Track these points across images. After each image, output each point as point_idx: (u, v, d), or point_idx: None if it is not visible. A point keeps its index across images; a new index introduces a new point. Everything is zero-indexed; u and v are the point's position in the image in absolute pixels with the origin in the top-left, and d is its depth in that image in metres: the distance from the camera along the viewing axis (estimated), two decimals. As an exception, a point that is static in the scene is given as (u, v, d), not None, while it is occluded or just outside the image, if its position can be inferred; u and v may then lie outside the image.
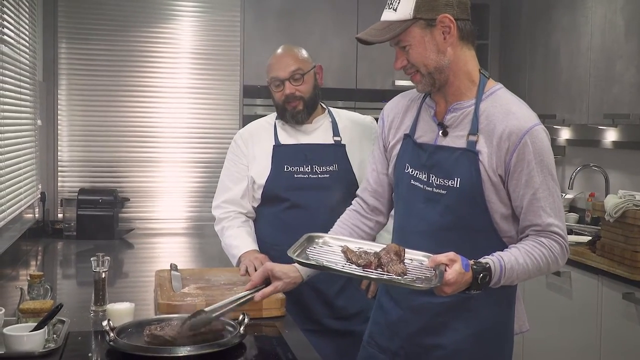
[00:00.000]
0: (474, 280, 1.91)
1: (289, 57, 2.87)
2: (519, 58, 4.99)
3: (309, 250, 2.07)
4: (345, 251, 1.99)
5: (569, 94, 4.42)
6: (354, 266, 1.93)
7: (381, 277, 1.89)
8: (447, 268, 1.87)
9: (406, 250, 1.98)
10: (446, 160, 2.09)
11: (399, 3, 2.05)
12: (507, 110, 2.06)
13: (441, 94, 2.15)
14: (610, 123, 4.07)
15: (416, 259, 1.99)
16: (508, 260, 1.97)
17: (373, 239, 2.47)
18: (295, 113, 2.86)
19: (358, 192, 2.46)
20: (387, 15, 2.09)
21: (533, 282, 3.95)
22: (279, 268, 2.27)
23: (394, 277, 1.87)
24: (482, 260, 1.96)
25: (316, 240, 2.13)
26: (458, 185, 2.06)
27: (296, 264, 2.23)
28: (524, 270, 2.00)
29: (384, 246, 1.99)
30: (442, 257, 1.89)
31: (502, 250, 2.04)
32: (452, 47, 2.06)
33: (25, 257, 3.81)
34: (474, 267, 1.92)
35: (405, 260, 1.95)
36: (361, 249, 2.01)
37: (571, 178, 4.64)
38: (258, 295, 2.21)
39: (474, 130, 2.06)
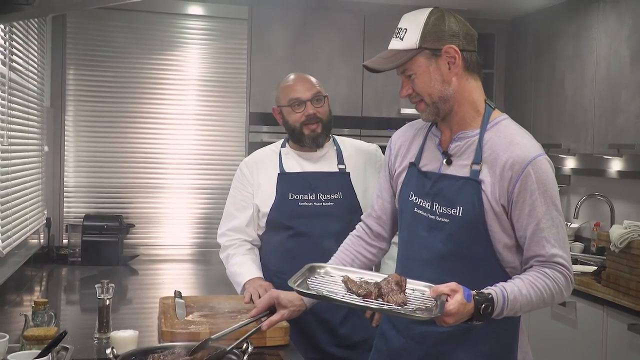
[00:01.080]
0: (476, 311, 1.90)
1: (308, 81, 2.90)
2: (524, 87, 5.00)
3: (309, 280, 2.06)
4: (346, 281, 1.99)
5: (574, 123, 4.43)
6: (354, 296, 1.93)
7: (381, 307, 1.88)
8: (448, 298, 1.86)
9: (408, 280, 1.97)
10: (449, 188, 2.10)
11: (405, 33, 2.09)
12: (510, 141, 2.06)
13: (446, 123, 2.16)
14: (615, 153, 4.08)
15: (418, 289, 1.98)
16: (511, 291, 1.96)
17: (376, 265, 2.48)
18: (315, 136, 2.87)
19: (363, 217, 2.47)
20: (394, 44, 2.12)
21: (538, 313, 3.94)
22: (284, 295, 2.27)
23: (394, 307, 1.86)
24: (485, 290, 1.94)
25: (318, 270, 2.13)
26: (461, 214, 2.06)
27: None
28: (528, 301, 1.98)
29: (385, 276, 1.99)
30: (444, 287, 1.88)
31: (504, 280, 2.03)
32: (457, 77, 2.08)
33: (30, 282, 3.81)
34: (476, 297, 1.91)
35: (407, 290, 1.94)
36: (362, 279, 2.01)
37: (576, 207, 4.63)
38: (265, 325, 2.21)
39: (478, 159, 2.07)
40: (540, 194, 2.01)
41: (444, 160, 2.14)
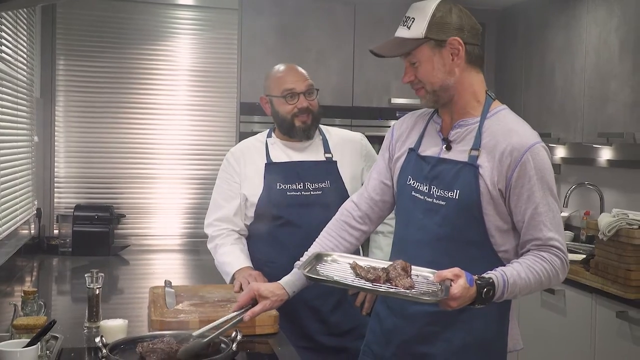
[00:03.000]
0: (478, 295, 1.96)
1: (302, 73, 2.93)
2: (515, 77, 5.01)
3: (318, 267, 2.13)
4: (355, 267, 2.06)
5: (563, 113, 4.44)
6: (363, 281, 2.00)
7: (388, 291, 1.95)
8: (452, 283, 1.92)
9: (412, 266, 2.03)
10: (447, 172, 2.16)
11: (413, 22, 2.14)
12: (509, 129, 2.14)
13: (447, 110, 2.23)
14: (604, 142, 4.10)
15: (422, 274, 2.04)
16: (511, 274, 2.02)
17: (357, 251, 2.55)
18: (306, 128, 2.89)
19: (352, 197, 2.50)
20: (401, 32, 2.18)
21: (528, 300, 3.96)
22: (264, 287, 2.30)
23: (402, 290, 1.93)
24: (486, 275, 2.01)
25: (325, 258, 2.20)
26: (457, 197, 2.12)
27: (282, 281, 2.30)
28: (526, 284, 2.05)
29: (391, 262, 2.05)
30: (447, 273, 1.94)
31: (496, 263, 2.10)
32: (459, 68, 2.15)
33: (21, 273, 3.81)
34: (478, 282, 1.97)
35: (412, 276, 2.01)
36: (369, 265, 2.08)
37: (566, 196, 4.65)
38: (247, 315, 2.22)
39: (477, 145, 2.13)
40: (537, 180, 2.08)
41: (444, 146, 2.21)
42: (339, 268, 2.13)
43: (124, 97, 4.81)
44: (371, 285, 1.98)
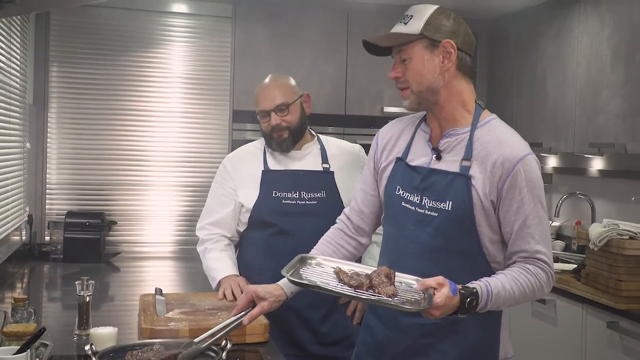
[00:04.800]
0: (461, 304, 1.95)
1: (274, 89, 2.91)
2: (506, 86, 5.03)
3: (302, 270, 2.11)
4: (338, 272, 2.05)
5: (555, 122, 4.46)
6: (346, 287, 1.98)
7: (370, 298, 1.94)
8: (435, 292, 1.91)
9: (396, 273, 2.02)
10: (439, 183, 2.15)
11: (410, 19, 2.16)
12: (501, 139, 2.13)
13: (436, 119, 2.22)
14: (595, 152, 4.11)
15: (405, 281, 2.03)
16: (495, 285, 2.02)
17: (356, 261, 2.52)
18: (281, 141, 2.90)
19: (345, 210, 2.51)
20: (398, 28, 2.19)
21: (519, 310, 3.96)
22: (262, 288, 2.30)
23: (384, 298, 1.91)
24: (470, 285, 2.00)
25: (309, 261, 2.19)
26: (450, 208, 2.11)
27: (280, 282, 2.29)
28: (510, 296, 2.04)
29: (375, 269, 2.03)
30: (431, 281, 1.93)
31: (489, 274, 2.09)
32: (448, 73, 2.15)
33: (12, 279, 3.80)
34: (462, 291, 1.96)
35: (395, 283, 1.99)
36: (353, 271, 2.06)
37: (557, 206, 4.67)
38: (246, 319, 2.22)
39: (468, 155, 2.13)
40: (528, 191, 2.08)
41: (434, 156, 2.19)
42: (323, 272, 2.11)
43: (117, 104, 4.81)
44: (353, 291, 1.96)
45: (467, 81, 2.21)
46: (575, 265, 3.97)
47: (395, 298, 1.92)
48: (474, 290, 1.98)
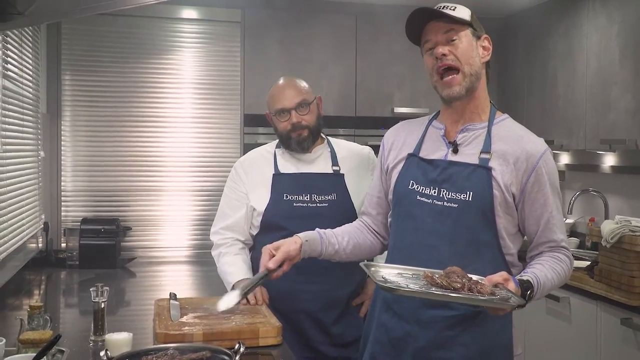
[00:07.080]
0: (521, 297, 2.00)
1: (293, 88, 2.92)
2: (517, 85, 5.03)
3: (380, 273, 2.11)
4: (431, 277, 1.99)
5: (566, 120, 4.46)
6: (440, 290, 1.94)
7: (471, 297, 1.90)
8: (502, 287, 1.96)
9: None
10: (459, 174, 2.18)
11: (456, 8, 2.22)
12: (519, 135, 2.21)
13: (455, 114, 2.26)
14: (607, 148, 4.10)
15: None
16: (541, 275, 2.10)
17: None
18: (301, 140, 2.90)
19: (359, 216, 2.58)
20: (445, 11, 2.21)
21: (532, 307, 3.95)
22: (278, 244, 2.35)
23: (495, 298, 1.90)
24: (523, 277, 2.06)
25: (371, 269, 2.15)
26: (470, 199, 2.15)
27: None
28: (551, 285, 2.15)
29: (441, 271, 2.03)
30: (497, 277, 1.98)
31: (503, 266, 2.16)
32: (483, 66, 2.25)
33: (29, 286, 3.85)
34: (524, 284, 2.03)
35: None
36: (438, 273, 2.02)
37: (571, 203, 4.66)
38: (271, 264, 2.29)
39: (487, 148, 2.18)
40: (550, 185, 2.18)
41: (451, 149, 2.23)
42: (392, 275, 2.07)
43: (129, 110, 4.85)
44: (468, 294, 1.90)
45: (485, 81, 2.29)
46: (589, 262, 3.96)
47: (496, 297, 1.90)
48: (529, 281, 2.05)
